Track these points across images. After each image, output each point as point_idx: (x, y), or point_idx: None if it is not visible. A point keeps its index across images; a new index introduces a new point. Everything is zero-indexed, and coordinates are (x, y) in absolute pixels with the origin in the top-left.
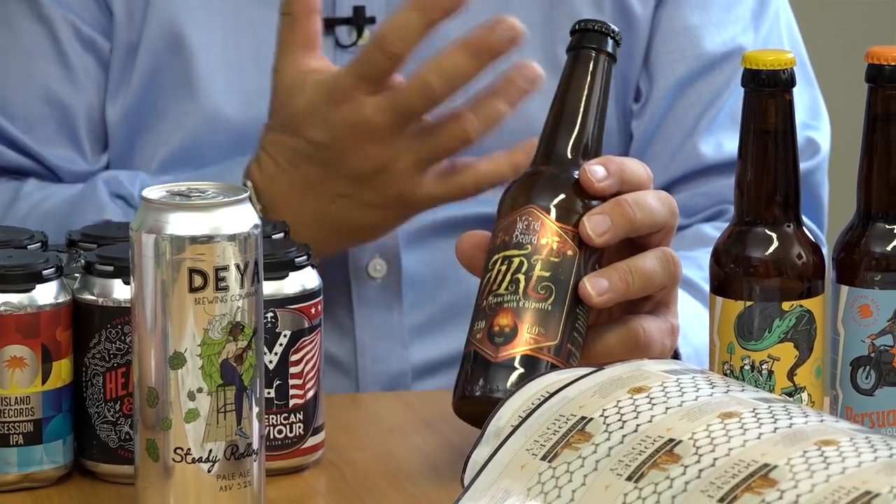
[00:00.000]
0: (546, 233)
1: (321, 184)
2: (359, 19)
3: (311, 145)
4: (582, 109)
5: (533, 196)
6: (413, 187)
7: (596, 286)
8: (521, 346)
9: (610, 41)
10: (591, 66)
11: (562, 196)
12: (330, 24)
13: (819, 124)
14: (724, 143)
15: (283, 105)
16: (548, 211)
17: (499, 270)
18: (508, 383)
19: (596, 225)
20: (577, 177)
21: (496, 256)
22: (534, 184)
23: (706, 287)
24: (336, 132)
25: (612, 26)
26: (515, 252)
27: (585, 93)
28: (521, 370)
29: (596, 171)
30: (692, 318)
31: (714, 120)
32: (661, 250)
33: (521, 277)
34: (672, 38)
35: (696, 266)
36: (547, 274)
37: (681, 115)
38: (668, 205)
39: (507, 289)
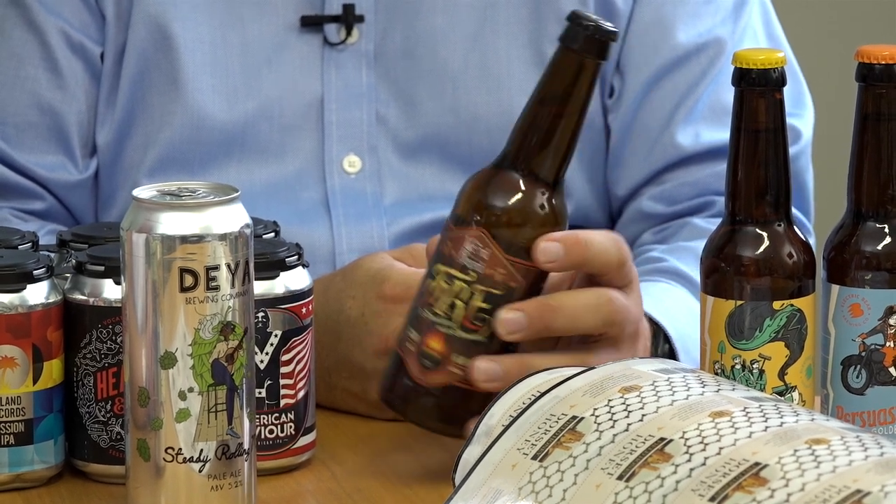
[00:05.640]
0: (493, 263)
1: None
2: (348, 17)
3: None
4: (564, 123)
5: (487, 215)
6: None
7: (508, 324)
8: (444, 377)
9: (608, 48)
10: (584, 75)
11: (515, 229)
12: (319, 22)
13: (801, 112)
14: (702, 132)
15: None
16: (498, 240)
17: (440, 286)
18: (424, 413)
19: (509, 323)
20: (539, 209)
21: (440, 268)
22: (494, 195)
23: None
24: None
25: (612, 30)
26: (459, 275)
27: (576, 105)
28: (440, 399)
29: (547, 249)
30: (685, 314)
31: (692, 110)
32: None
33: (460, 304)
34: (645, 31)
35: (695, 257)
36: (486, 306)
37: (657, 106)
38: (605, 312)
39: (444, 312)
